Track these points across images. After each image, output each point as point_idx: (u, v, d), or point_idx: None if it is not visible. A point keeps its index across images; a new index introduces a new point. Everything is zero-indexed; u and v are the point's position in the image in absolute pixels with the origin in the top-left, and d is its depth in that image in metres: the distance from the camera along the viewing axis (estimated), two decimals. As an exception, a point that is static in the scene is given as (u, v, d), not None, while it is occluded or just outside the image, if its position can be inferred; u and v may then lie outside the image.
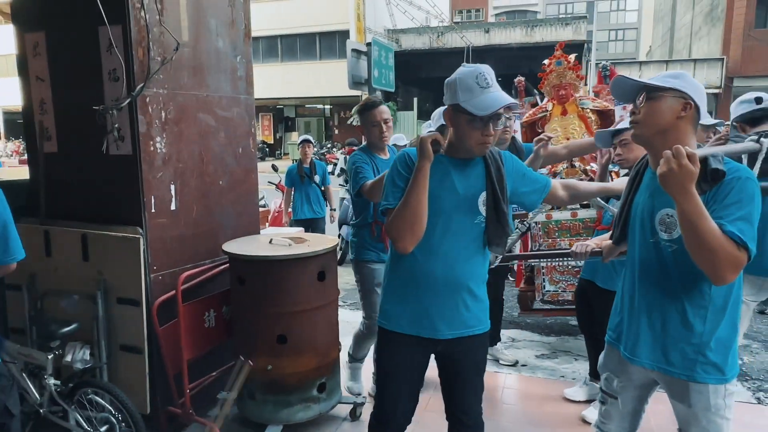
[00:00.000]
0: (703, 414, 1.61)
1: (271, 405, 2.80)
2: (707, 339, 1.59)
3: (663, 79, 1.64)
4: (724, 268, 1.42)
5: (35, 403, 2.59)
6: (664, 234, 1.62)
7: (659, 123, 1.61)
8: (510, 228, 1.96)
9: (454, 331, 1.91)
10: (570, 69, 4.48)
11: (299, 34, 24.57)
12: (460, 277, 1.89)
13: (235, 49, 3.19)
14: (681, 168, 1.40)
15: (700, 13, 23.51)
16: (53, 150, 2.93)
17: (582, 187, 2.24)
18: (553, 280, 4.08)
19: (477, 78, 1.80)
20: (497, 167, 1.91)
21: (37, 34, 2.86)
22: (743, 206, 1.47)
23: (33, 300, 2.86)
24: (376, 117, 2.98)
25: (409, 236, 1.79)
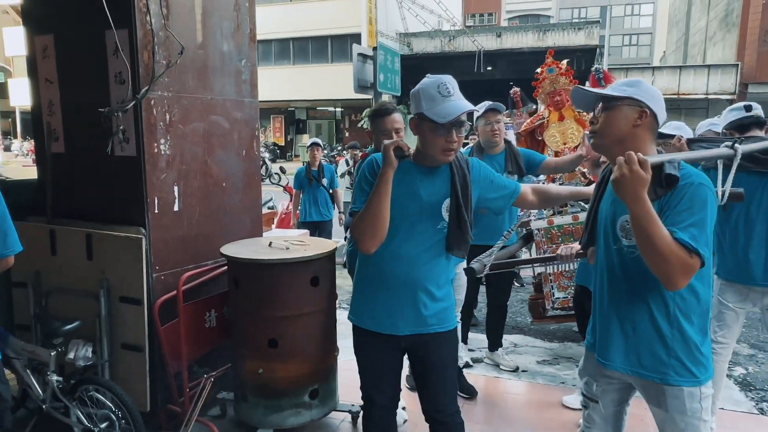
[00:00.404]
0: (680, 417, 1.62)
1: (262, 408, 2.81)
2: (677, 341, 1.60)
3: (619, 88, 1.67)
4: (674, 274, 1.45)
5: (38, 399, 2.64)
6: (625, 240, 1.65)
7: (616, 132, 1.63)
8: (470, 235, 2.00)
9: (413, 329, 1.99)
10: (562, 75, 4.58)
11: (311, 36, 24.70)
12: (420, 278, 1.97)
13: (240, 52, 3.23)
14: (632, 174, 1.43)
15: (715, 19, 23.29)
16: (60, 150, 2.99)
17: (553, 191, 2.30)
18: (561, 286, 4.07)
19: (439, 87, 1.88)
20: (462, 175, 1.99)
21: (47, 37, 2.92)
22: (695, 212, 1.49)
23: (38, 298, 2.92)
24: (387, 125, 2.77)
25: (370, 238, 1.88)
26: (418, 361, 2.09)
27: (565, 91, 4.55)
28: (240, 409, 2.92)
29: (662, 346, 1.61)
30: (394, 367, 2.12)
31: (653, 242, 1.44)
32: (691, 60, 26.64)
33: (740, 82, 19.53)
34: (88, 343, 2.70)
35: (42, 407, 2.63)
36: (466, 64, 23.76)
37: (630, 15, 46.24)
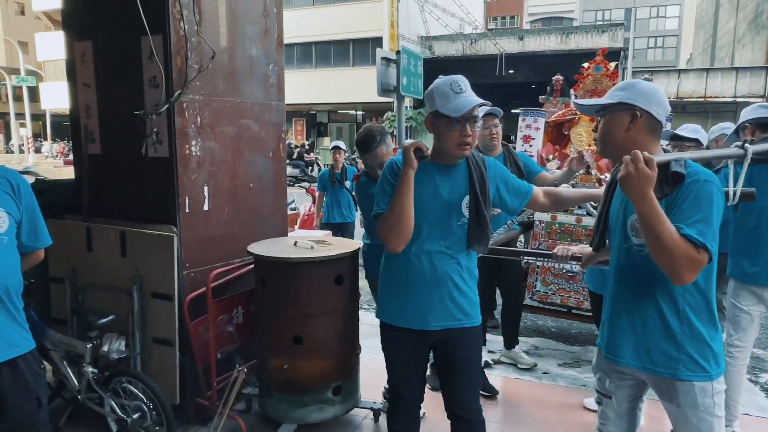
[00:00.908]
0: (692, 413, 1.64)
1: (286, 403, 2.88)
2: (687, 337, 1.62)
3: (611, 93, 1.72)
4: (681, 269, 1.47)
5: (74, 389, 2.76)
6: (635, 239, 1.68)
7: (612, 138, 1.69)
8: (490, 229, 2.09)
9: (442, 323, 2.06)
10: (607, 77, 4.48)
11: (333, 41, 24.90)
12: (446, 274, 2.04)
13: (268, 57, 3.32)
14: (638, 172, 1.46)
15: (744, 20, 22.81)
16: (97, 152, 3.11)
17: (564, 194, 2.36)
18: (545, 281, 4.17)
19: (451, 85, 1.96)
20: (480, 172, 2.07)
21: (85, 43, 3.05)
22: (701, 209, 1.51)
23: (74, 293, 3.04)
24: (369, 161, 2.93)
25: (396, 238, 1.96)
26: (444, 356, 2.14)
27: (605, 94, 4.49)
28: (265, 404, 2.99)
29: (672, 341, 1.63)
30: (422, 363, 2.19)
31: (660, 238, 1.46)
32: (718, 62, 26.12)
33: (770, 85, 19.08)
34: (122, 337, 2.81)
35: (77, 397, 2.74)
36: (488, 67, 23.70)
37: (655, 17, 45.56)
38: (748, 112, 2.92)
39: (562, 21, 44.97)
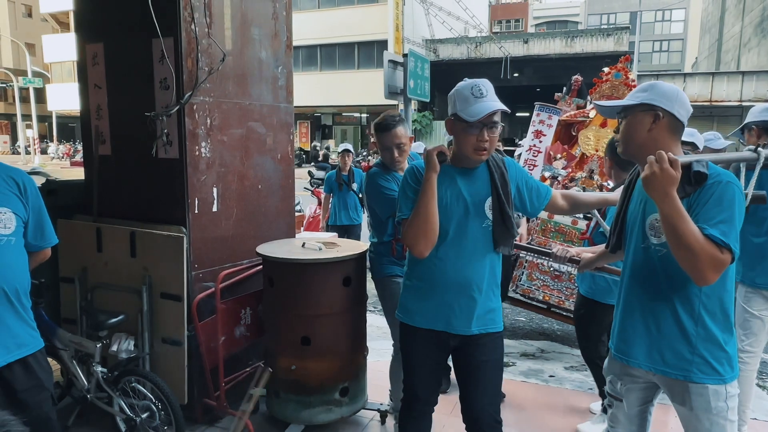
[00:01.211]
0: (705, 417, 1.63)
1: (293, 404, 2.89)
2: (701, 339, 1.62)
3: (633, 95, 1.73)
4: (705, 269, 1.47)
5: (83, 389, 2.77)
6: (654, 238, 1.68)
7: (634, 138, 1.70)
8: (516, 230, 2.09)
9: (467, 327, 2.05)
10: (626, 84, 4.49)
11: (338, 43, 24.99)
12: (471, 277, 2.03)
13: (277, 59, 3.34)
14: (663, 172, 1.48)
15: (750, 24, 22.76)
16: (107, 153, 3.14)
17: (581, 198, 2.36)
18: (531, 276, 4.22)
19: (472, 89, 1.96)
20: (501, 173, 2.07)
21: (97, 45, 3.08)
22: (724, 209, 1.52)
23: (84, 292, 3.06)
24: (388, 141, 2.74)
25: (423, 242, 1.95)
26: (464, 361, 2.11)
27: None
28: (272, 405, 3.00)
29: (686, 343, 1.63)
30: (440, 366, 2.21)
31: (684, 238, 1.47)
32: (724, 66, 26.07)
33: (776, 89, 19.02)
34: (131, 337, 2.83)
35: (87, 396, 2.76)
36: (493, 71, 23.71)
37: (660, 21, 45.49)
38: (756, 114, 2.92)
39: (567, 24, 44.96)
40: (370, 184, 2.84)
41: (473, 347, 2.07)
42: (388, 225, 2.81)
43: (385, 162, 2.83)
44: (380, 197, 2.75)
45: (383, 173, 2.80)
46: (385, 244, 2.86)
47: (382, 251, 2.88)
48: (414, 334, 2.13)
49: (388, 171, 2.81)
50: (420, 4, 23.99)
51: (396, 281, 2.78)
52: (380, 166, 2.87)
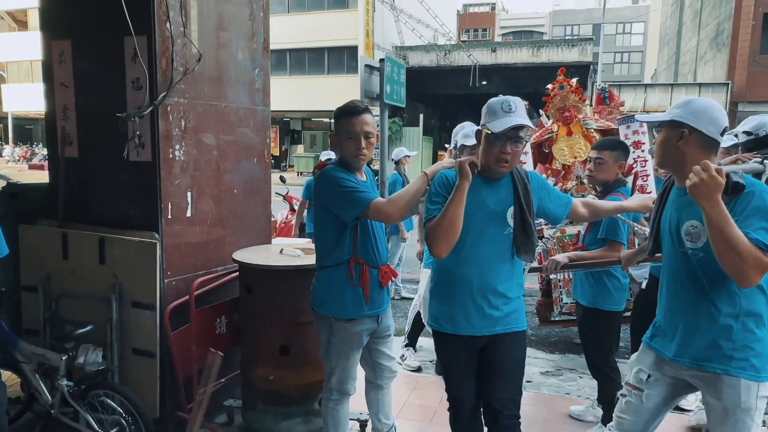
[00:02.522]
0: (732, 410, 1.70)
1: (271, 415, 2.81)
2: (740, 337, 1.71)
3: (669, 111, 1.83)
4: (750, 271, 1.57)
5: (47, 404, 2.63)
6: (690, 243, 1.78)
7: (667, 152, 1.83)
8: (536, 238, 2.17)
9: (489, 329, 2.13)
10: (572, 92, 4.70)
11: (308, 48, 24.84)
12: (493, 281, 2.12)
13: (254, 61, 3.27)
14: (710, 179, 1.57)
15: (706, 38, 23.73)
16: (74, 155, 2.99)
17: (599, 206, 2.49)
18: (569, 292, 4.21)
19: (502, 104, 2.07)
20: (524, 184, 2.16)
21: (64, 42, 2.94)
22: (762, 216, 1.63)
23: (48, 301, 2.90)
24: (356, 127, 2.27)
25: (444, 243, 2.01)
26: (488, 358, 2.18)
27: (574, 108, 4.67)
28: (248, 417, 2.91)
29: (727, 339, 1.72)
30: (475, 367, 2.23)
31: (731, 241, 1.56)
32: (681, 78, 27.05)
33: (730, 101, 19.85)
34: (98, 348, 2.69)
35: (50, 412, 2.61)
36: (462, 79, 24.00)
37: (621, 33, 46.98)
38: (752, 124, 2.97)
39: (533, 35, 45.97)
40: (325, 180, 2.29)
41: (497, 345, 2.15)
42: (346, 237, 2.30)
43: (345, 157, 2.35)
44: (341, 194, 2.23)
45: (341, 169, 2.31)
46: (343, 265, 2.31)
47: (332, 276, 2.33)
48: (445, 340, 2.20)
49: (347, 170, 2.33)
50: (390, 11, 24.10)
51: (345, 326, 2.32)
52: (337, 164, 2.37)
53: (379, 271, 2.37)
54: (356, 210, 2.21)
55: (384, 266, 2.41)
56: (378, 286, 2.38)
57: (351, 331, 2.34)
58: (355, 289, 2.31)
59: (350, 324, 2.33)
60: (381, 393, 2.62)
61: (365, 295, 2.32)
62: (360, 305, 2.33)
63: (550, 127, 4.89)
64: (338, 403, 2.48)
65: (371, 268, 2.34)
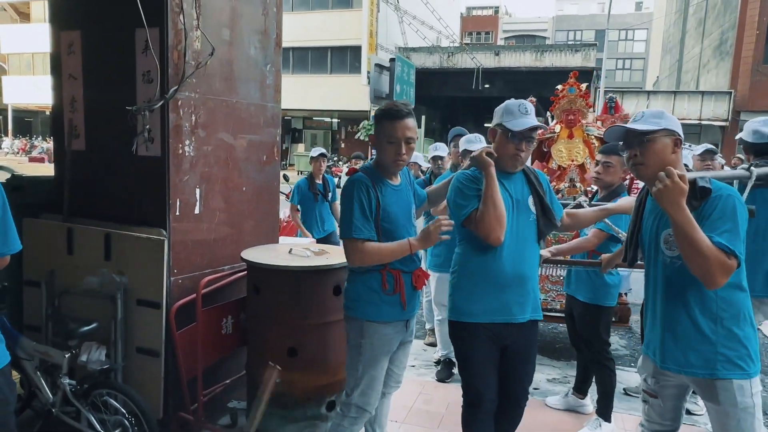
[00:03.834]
0: (732, 411, 1.74)
1: (276, 418, 2.75)
2: (722, 339, 1.75)
3: (649, 121, 1.84)
4: (715, 273, 1.64)
5: (47, 402, 2.56)
6: (668, 251, 1.84)
7: (659, 161, 1.81)
8: (556, 221, 2.31)
9: (526, 315, 2.22)
10: (581, 97, 4.77)
11: (311, 47, 24.79)
12: (525, 268, 2.22)
13: (266, 57, 3.21)
14: (674, 185, 1.64)
15: (709, 47, 23.75)
16: (81, 148, 2.93)
17: (581, 215, 2.62)
18: (544, 289, 4.31)
19: (519, 107, 2.23)
20: (535, 176, 2.33)
21: (73, 32, 2.88)
22: (727, 220, 1.69)
23: (51, 297, 2.84)
24: (398, 132, 2.18)
25: (498, 228, 2.11)
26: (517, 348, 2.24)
27: (579, 112, 4.72)
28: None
29: (708, 344, 1.77)
30: (496, 357, 2.26)
31: (696, 245, 1.63)
32: (684, 86, 27.09)
33: (733, 110, 19.87)
34: (102, 346, 2.63)
35: (51, 410, 2.55)
36: (464, 81, 23.96)
37: (624, 40, 47.06)
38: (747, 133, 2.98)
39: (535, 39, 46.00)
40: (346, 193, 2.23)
41: (520, 337, 2.22)
42: None
43: (382, 162, 2.25)
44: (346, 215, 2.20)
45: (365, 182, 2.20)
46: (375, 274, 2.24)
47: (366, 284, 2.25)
48: (475, 330, 2.20)
49: (378, 178, 2.25)
50: (394, 12, 24.05)
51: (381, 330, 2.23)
52: (370, 170, 2.27)
53: (413, 275, 2.29)
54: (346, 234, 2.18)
55: (417, 269, 2.31)
56: (412, 291, 2.30)
57: (383, 333, 2.23)
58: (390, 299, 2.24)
59: (384, 326, 2.23)
60: (382, 401, 2.48)
61: (402, 301, 2.25)
62: (396, 309, 2.24)
63: (552, 128, 4.95)
64: (354, 422, 2.30)
65: (404, 274, 2.26)
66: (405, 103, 2.29)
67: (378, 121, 2.27)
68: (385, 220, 2.22)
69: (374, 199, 2.19)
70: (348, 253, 2.20)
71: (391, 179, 2.30)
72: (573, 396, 3.39)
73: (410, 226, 2.34)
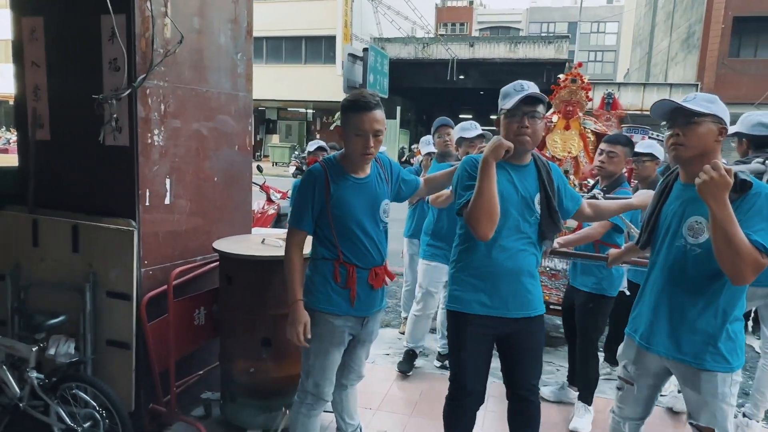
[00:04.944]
0: (711, 400, 1.80)
1: (251, 408, 2.76)
2: (719, 332, 1.78)
3: (701, 103, 1.79)
4: (746, 270, 1.63)
5: (14, 397, 2.52)
6: (691, 239, 1.82)
7: (701, 146, 1.79)
8: (560, 224, 2.22)
9: (521, 311, 2.17)
10: (582, 89, 4.67)
11: (285, 37, 24.47)
12: (523, 265, 2.15)
13: (237, 45, 3.17)
14: (721, 178, 1.60)
15: (677, 40, 24.26)
16: (45, 137, 2.86)
17: (603, 206, 2.52)
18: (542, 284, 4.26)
19: (514, 86, 2.15)
20: (546, 171, 2.22)
21: (35, 18, 2.80)
22: (764, 218, 1.68)
23: (17, 290, 2.78)
24: (365, 125, 2.10)
25: (486, 223, 2.00)
26: (513, 343, 2.21)
27: (578, 104, 4.67)
28: (227, 410, 2.85)
29: (705, 335, 1.79)
30: (489, 358, 2.25)
31: (732, 241, 1.60)
32: (653, 78, 27.63)
33: (699, 102, 20.35)
34: (71, 339, 2.59)
35: (19, 405, 2.51)
36: (439, 72, 24.01)
37: (596, 32, 47.65)
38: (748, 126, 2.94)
39: (509, 31, 46.25)
40: (301, 181, 2.22)
41: (526, 329, 2.18)
42: (323, 234, 2.21)
43: (349, 154, 2.19)
44: (294, 204, 2.25)
45: (316, 175, 2.17)
46: (328, 263, 2.21)
47: (320, 273, 2.22)
48: (471, 322, 2.17)
49: (338, 171, 2.18)
50: (369, 1, 23.90)
51: (331, 321, 2.19)
52: (330, 162, 2.21)
53: (370, 272, 2.21)
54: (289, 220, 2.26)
55: (378, 267, 2.23)
56: (368, 288, 2.22)
57: (333, 324, 2.19)
58: (341, 291, 2.20)
59: (333, 318, 2.19)
60: (345, 392, 2.50)
61: (351, 297, 2.18)
62: (345, 303, 2.19)
63: (550, 117, 4.92)
64: (312, 408, 2.30)
65: (360, 269, 2.19)
66: (373, 94, 2.21)
67: (345, 112, 2.17)
68: (336, 206, 2.14)
69: (323, 190, 2.13)
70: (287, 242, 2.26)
71: (356, 172, 2.21)
72: (568, 389, 3.41)
73: (372, 220, 2.20)
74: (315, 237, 2.25)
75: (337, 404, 2.52)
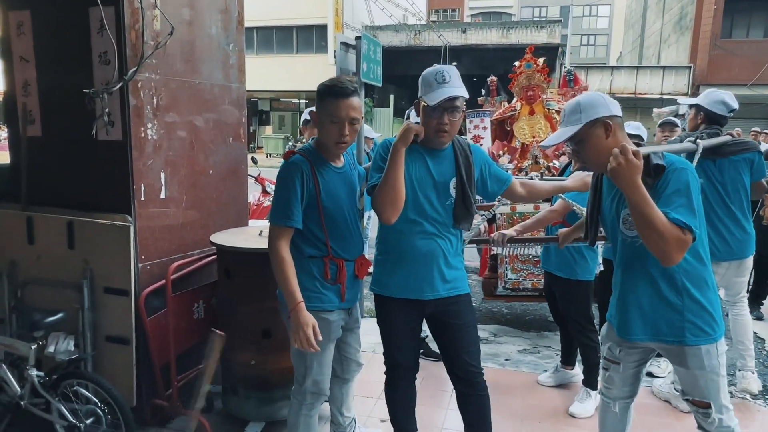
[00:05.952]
0: (700, 373, 1.83)
1: (253, 401, 2.76)
2: (688, 307, 1.80)
3: (570, 120, 1.81)
4: (671, 250, 1.62)
5: (15, 396, 2.51)
6: (627, 231, 1.85)
7: (600, 153, 1.77)
8: (474, 209, 2.20)
9: (436, 293, 2.17)
10: (538, 72, 4.75)
11: (276, 26, 24.24)
12: (436, 249, 2.15)
13: (228, 36, 3.13)
14: (628, 162, 1.60)
15: (670, 22, 24.18)
16: (37, 133, 2.83)
17: (537, 186, 2.52)
18: (515, 268, 4.35)
19: (436, 75, 2.06)
20: (465, 156, 2.19)
21: (22, 12, 2.76)
22: (681, 194, 1.67)
23: (13, 289, 2.76)
24: (341, 112, 2.03)
25: (390, 207, 2.02)
26: (441, 325, 2.24)
27: (538, 88, 4.74)
28: (229, 402, 2.85)
29: (675, 313, 1.81)
30: (416, 333, 2.29)
31: (651, 223, 1.60)
32: (646, 61, 27.57)
33: (693, 84, 20.35)
34: (70, 336, 2.58)
35: (20, 404, 2.50)
36: (432, 59, 23.78)
37: (588, 16, 47.46)
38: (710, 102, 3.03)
39: (501, 16, 45.96)
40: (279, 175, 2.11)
41: (448, 313, 2.19)
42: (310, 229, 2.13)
43: (323, 142, 2.13)
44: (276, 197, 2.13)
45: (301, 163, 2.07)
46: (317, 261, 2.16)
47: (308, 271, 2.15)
48: (390, 304, 2.21)
49: (319, 159, 2.13)
50: (359, -10, 23.70)
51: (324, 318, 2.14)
52: (309, 151, 2.14)
53: (355, 263, 2.24)
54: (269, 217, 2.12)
55: (360, 257, 2.26)
56: (353, 279, 2.25)
57: (328, 321, 2.15)
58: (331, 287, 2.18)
59: (327, 314, 2.16)
60: (346, 387, 2.52)
61: (342, 292, 2.18)
62: (336, 298, 2.18)
63: (513, 105, 4.97)
64: (312, 408, 2.27)
65: (348, 262, 2.19)
66: (351, 80, 2.12)
67: (321, 97, 2.08)
68: (326, 200, 2.10)
69: (311, 182, 2.06)
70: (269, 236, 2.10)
71: (334, 161, 2.17)
72: (562, 369, 3.44)
73: (354, 209, 2.23)
74: (297, 235, 2.11)
75: (336, 399, 2.53)
